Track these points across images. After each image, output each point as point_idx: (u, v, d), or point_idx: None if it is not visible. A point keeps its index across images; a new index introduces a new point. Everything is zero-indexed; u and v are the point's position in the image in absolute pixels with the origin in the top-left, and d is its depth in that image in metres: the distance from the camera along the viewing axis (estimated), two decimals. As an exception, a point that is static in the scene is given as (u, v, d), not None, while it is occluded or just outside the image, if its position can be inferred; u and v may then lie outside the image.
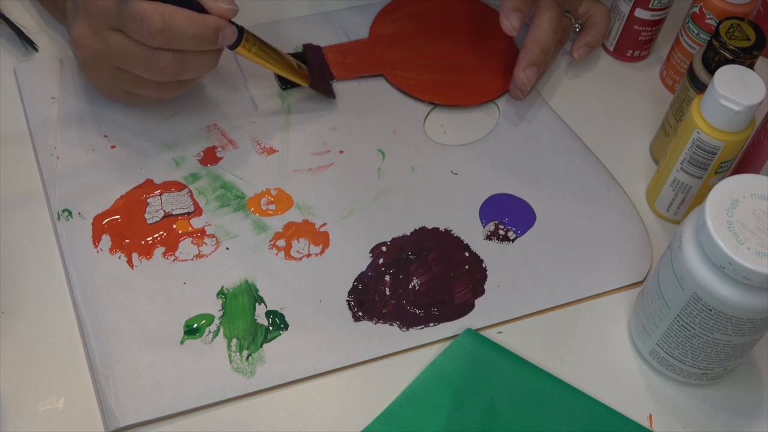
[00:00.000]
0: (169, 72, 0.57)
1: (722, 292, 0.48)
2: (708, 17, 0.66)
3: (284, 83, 0.68)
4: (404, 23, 0.73)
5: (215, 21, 0.56)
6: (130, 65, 0.57)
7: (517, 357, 0.56)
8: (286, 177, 0.63)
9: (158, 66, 0.56)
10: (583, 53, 0.71)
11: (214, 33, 0.56)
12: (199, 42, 0.56)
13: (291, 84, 0.68)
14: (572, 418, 0.54)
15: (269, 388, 0.54)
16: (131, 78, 0.59)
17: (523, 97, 0.68)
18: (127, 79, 0.59)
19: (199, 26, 0.56)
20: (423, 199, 0.63)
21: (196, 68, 0.58)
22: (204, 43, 0.56)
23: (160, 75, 0.57)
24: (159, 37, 0.55)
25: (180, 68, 0.57)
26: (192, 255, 0.58)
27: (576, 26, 0.71)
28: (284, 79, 0.68)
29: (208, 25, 0.56)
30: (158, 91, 0.60)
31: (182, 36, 0.55)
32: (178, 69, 0.57)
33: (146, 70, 0.57)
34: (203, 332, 0.55)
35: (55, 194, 0.60)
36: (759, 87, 0.55)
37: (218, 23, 0.56)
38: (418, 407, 0.53)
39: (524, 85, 0.66)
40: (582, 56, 0.71)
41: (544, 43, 0.66)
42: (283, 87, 0.68)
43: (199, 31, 0.56)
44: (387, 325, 0.57)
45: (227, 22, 0.57)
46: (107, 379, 0.52)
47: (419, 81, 0.70)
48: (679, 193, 0.61)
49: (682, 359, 0.54)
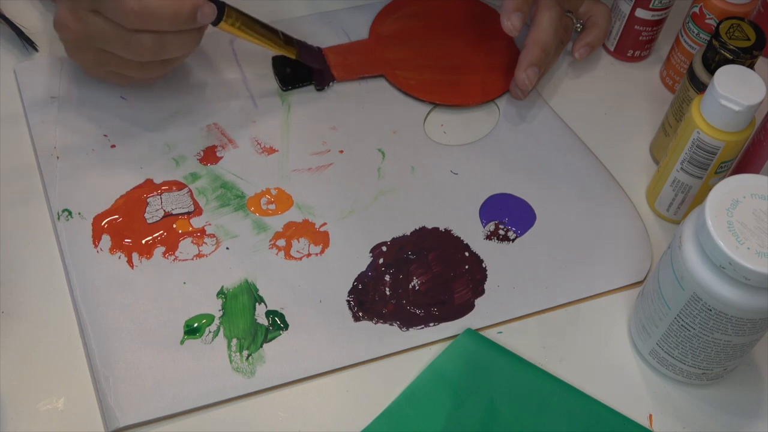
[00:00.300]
0: (150, 53, 0.57)
1: (722, 292, 0.48)
2: (708, 17, 0.66)
3: (285, 84, 0.68)
4: (404, 23, 0.73)
5: (192, 0, 0.56)
6: (110, 46, 0.58)
7: (517, 357, 0.56)
8: (286, 177, 0.63)
9: (138, 47, 0.57)
10: (584, 53, 0.71)
11: (192, 12, 0.56)
12: (177, 22, 0.56)
13: (291, 85, 0.68)
14: (572, 418, 0.54)
15: (269, 388, 0.54)
16: (115, 59, 0.59)
17: (524, 97, 0.68)
18: (110, 60, 0.59)
19: (175, 6, 0.56)
20: (423, 199, 0.63)
21: (177, 48, 0.59)
22: (182, 22, 0.56)
23: (141, 56, 0.58)
24: (135, 18, 0.55)
25: (160, 49, 0.57)
26: (192, 255, 0.58)
27: (578, 26, 0.71)
28: (285, 81, 0.68)
29: (185, 5, 0.56)
30: (142, 72, 0.60)
31: (159, 17, 0.55)
32: (158, 49, 0.57)
33: (126, 51, 0.57)
34: (203, 332, 0.55)
35: (55, 194, 0.60)
36: (759, 87, 0.55)
37: (195, 2, 0.56)
38: (418, 407, 0.53)
39: (525, 85, 0.66)
40: (583, 56, 0.71)
41: (545, 44, 0.66)
42: (284, 88, 0.68)
43: (175, 11, 0.56)
44: (387, 325, 0.57)
45: (205, 0, 0.57)
46: (107, 379, 0.52)
47: (419, 81, 0.70)
48: (679, 193, 0.61)
49: (682, 359, 0.54)
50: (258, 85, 0.68)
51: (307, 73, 0.68)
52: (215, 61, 0.69)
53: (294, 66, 0.68)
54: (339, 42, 0.71)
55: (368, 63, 0.70)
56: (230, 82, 0.68)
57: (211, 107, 0.66)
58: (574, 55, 0.71)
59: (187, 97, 0.66)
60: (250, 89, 0.68)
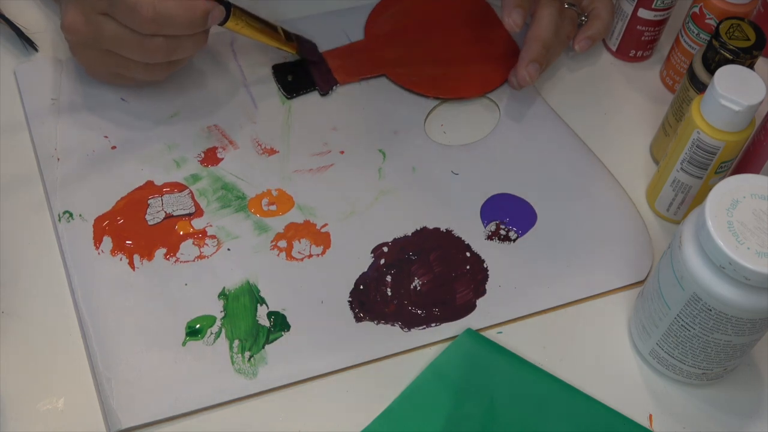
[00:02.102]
0: (161, 55, 0.58)
1: (722, 292, 0.49)
2: (708, 17, 0.66)
3: (289, 92, 0.68)
4: (397, 21, 0.73)
5: (203, 4, 0.57)
6: (121, 49, 0.58)
7: (517, 357, 0.56)
8: (287, 177, 0.63)
9: (149, 50, 0.58)
10: (584, 45, 0.70)
11: (204, 16, 0.58)
12: (190, 26, 0.57)
13: (296, 92, 0.67)
14: (572, 418, 0.54)
15: (270, 389, 0.54)
16: (121, 60, 0.60)
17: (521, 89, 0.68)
18: (117, 61, 0.60)
19: (188, 11, 0.57)
20: (424, 199, 0.63)
21: (187, 49, 0.60)
22: (194, 26, 0.58)
23: (152, 58, 0.59)
24: (150, 25, 0.56)
25: (171, 50, 0.59)
26: (193, 256, 0.58)
27: (583, 18, 0.71)
28: (289, 88, 0.67)
29: (198, 9, 0.57)
30: (147, 73, 0.61)
31: (173, 22, 0.56)
32: (170, 51, 0.59)
33: (137, 53, 0.58)
34: (205, 333, 0.55)
35: (56, 196, 0.60)
36: (759, 87, 0.55)
37: (206, 6, 0.58)
38: (418, 407, 0.53)
39: (526, 81, 0.66)
40: (583, 49, 0.70)
41: (546, 40, 0.66)
42: (289, 96, 0.67)
43: (189, 16, 0.57)
44: (389, 326, 0.57)
45: (215, 3, 0.58)
46: (109, 381, 0.52)
47: (422, 77, 0.70)
48: (679, 193, 0.62)
49: (682, 359, 0.54)
50: (258, 86, 0.68)
51: (309, 78, 0.68)
52: (215, 62, 0.69)
53: (294, 73, 0.68)
54: (338, 43, 0.71)
55: (368, 64, 0.70)
56: (231, 83, 0.68)
57: (212, 108, 0.66)
58: (575, 47, 0.70)
59: (188, 98, 0.66)
60: (251, 90, 0.68)
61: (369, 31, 0.72)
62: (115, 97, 0.65)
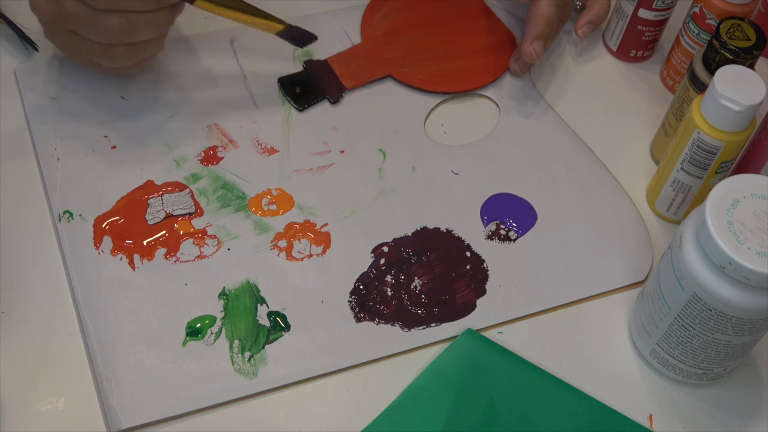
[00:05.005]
0: (117, 34, 0.56)
1: (722, 292, 0.49)
2: (708, 17, 0.66)
3: (300, 105, 0.67)
4: (392, 20, 0.73)
5: None
6: (80, 28, 0.57)
7: (517, 357, 0.56)
8: (287, 177, 0.63)
9: (105, 27, 0.55)
10: (587, 30, 0.70)
11: None
12: (146, 1, 0.55)
13: (307, 104, 0.67)
14: (572, 418, 0.54)
15: (270, 389, 0.54)
16: (84, 43, 0.58)
17: (522, 73, 0.68)
18: (80, 44, 0.58)
19: None
20: (424, 199, 0.63)
21: (147, 29, 0.57)
22: (151, 2, 0.55)
23: (109, 37, 0.56)
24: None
25: (128, 29, 0.56)
26: (193, 256, 0.58)
27: (577, 4, 0.71)
28: (298, 101, 0.67)
29: None
30: (108, 57, 0.58)
31: None
32: (126, 31, 0.56)
33: (94, 33, 0.56)
34: (205, 333, 0.55)
35: (56, 195, 0.60)
36: (759, 87, 0.55)
37: None
38: (418, 407, 0.53)
39: (532, 58, 0.66)
40: (586, 34, 0.70)
41: (548, 17, 0.66)
42: (300, 108, 0.67)
43: None
44: (389, 326, 0.57)
45: None
46: (109, 381, 0.52)
47: (427, 74, 0.70)
48: (679, 193, 0.62)
49: (683, 359, 0.54)
50: (258, 86, 0.68)
51: (317, 88, 0.68)
52: (215, 61, 0.68)
53: (301, 83, 0.68)
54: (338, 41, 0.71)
55: (372, 66, 0.70)
56: (231, 82, 0.68)
57: (212, 108, 0.66)
58: (577, 32, 0.70)
59: (188, 97, 0.66)
60: (251, 89, 0.68)
61: (365, 32, 0.72)
62: (115, 97, 0.65)
